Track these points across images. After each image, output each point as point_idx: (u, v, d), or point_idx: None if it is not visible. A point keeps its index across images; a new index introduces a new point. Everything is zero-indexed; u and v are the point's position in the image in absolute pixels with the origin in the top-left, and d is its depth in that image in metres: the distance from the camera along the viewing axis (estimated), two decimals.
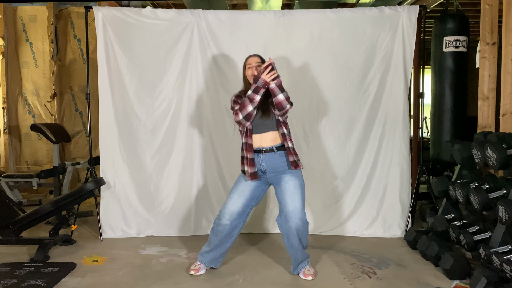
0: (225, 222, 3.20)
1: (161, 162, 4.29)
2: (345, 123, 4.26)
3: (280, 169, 3.18)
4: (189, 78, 4.25)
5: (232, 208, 3.20)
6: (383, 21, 4.17)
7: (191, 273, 3.28)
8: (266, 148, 3.17)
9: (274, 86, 3.08)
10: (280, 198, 3.18)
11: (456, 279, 3.15)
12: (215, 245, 3.29)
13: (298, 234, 3.12)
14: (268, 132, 3.18)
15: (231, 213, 3.20)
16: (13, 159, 6.39)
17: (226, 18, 4.23)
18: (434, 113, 4.94)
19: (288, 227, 3.13)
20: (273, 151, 3.17)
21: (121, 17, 4.18)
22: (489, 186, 3.25)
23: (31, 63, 6.38)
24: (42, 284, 3.07)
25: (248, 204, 3.25)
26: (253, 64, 3.22)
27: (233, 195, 3.24)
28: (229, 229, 3.22)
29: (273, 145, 3.18)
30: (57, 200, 3.85)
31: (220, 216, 3.22)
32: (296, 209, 3.10)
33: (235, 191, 3.25)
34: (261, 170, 3.20)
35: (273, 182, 3.24)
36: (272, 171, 3.19)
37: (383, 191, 4.25)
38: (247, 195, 3.23)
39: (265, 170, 3.19)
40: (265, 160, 3.17)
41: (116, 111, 4.23)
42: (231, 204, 3.22)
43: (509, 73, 3.71)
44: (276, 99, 3.09)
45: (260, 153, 3.18)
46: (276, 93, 3.08)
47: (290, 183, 3.15)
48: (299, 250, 3.20)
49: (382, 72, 4.20)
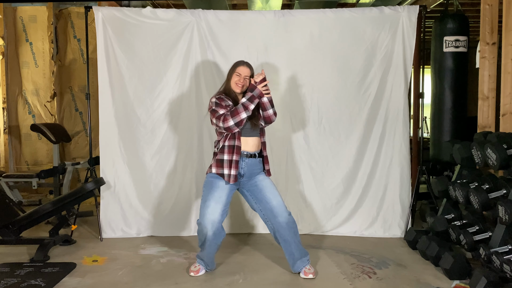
0: (208, 232, 3.11)
1: (161, 162, 4.29)
2: (345, 123, 4.25)
3: (255, 173, 3.26)
4: (189, 78, 4.25)
5: (212, 217, 3.10)
6: (383, 21, 4.17)
7: (191, 274, 3.27)
8: (250, 153, 3.21)
9: (266, 100, 3.17)
10: (260, 197, 3.21)
11: (456, 279, 3.15)
12: (204, 249, 3.24)
13: (289, 227, 3.16)
14: (253, 137, 3.22)
15: (212, 222, 3.10)
16: (13, 159, 6.40)
17: (226, 18, 4.23)
18: (434, 113, 4.94)
19: (277, 222, 3.17)
20: (255, 156, 3.24)
21: (121, 17, 4.18)
22: (489, 186, 3.25)
23: (31, 63, 6.38)
24: (42, 284, 3.07)
25: (225, 210, 3.19)
26: (242, 75, 3.21)
27: (210, 203, 3.12)
28: (212, 238, 3.15)
29: (255, 151, 3.24)
30: (57, 200, 3.85)
31: (202, 228, 3.13)
32: (279, 202, 3.20)
33: (211, 198, 3.13)
34: (240, 174, 3.21)
35: (245, 186, 3.26)
36: (249, 176, 3.23)
37: (383, 191, 4.25)
38: (224, 200, 3.16)
39: (243, 174, 3.21)
40: (247, 164, 3.20)
41: (116, 111, 4.23)
42: (210, 213, 3.11)
43: (509, 73, 3.71)
44: (266, 113, 3.20)
45: (244, 157, 3.19)
46: (267, 107, 3.19)
47: (266, 181, 3.25)
48: (293, 244, 3.20)
49: (382, 72, 4.20)
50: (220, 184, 3.17)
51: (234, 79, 3.23)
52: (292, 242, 3.21)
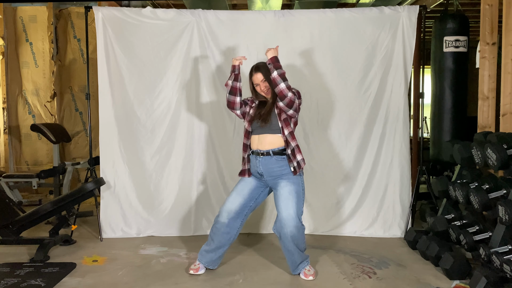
0: (223, 220, 3.22)
1: (161, 162, 4.29)
2: (345, 123, 4.26)
3: (277, 173, 3.18)
4: (189, 78, 4.26)
5: (230, 206, 3.23)
6: (383, 21, 4.17)
7: (190, 272, 3.28)
8: (263, 151, 3.19)
9: (276, 74, 3.09)
10: (276, 204, 3.22)
11: (456, 279, 3.15)
12: (214, 246, 3.29)
13: (293, 240, 3.14)
14: (266, 135, 3.19)
15: (229, 211, 3.22)
16: (13, 159, 6.39)
17: (226, 18, 4.23)
18: (434, 113, 4.93)
19: (283, 233, 3.15)
20: (269, 155, 3.18)
21: (121, 17, 4.18)
22: (489, 186, 3.25)
23: (31, 63, 6.38)
24: (42, 284, 3.07)
25: (247, 204, 3.26)
26: (260, 85, 3.22)
27: (232, 193, 3.30)
28: (226, 228, 3.23)
29: (270, 149, 3.17)
30: (57, 200, 3.85)
31: (219, 214, 3.26)
32: (289, 215, 3.11)
33: (234, 190, 3.32)
34: (259, 173, 3.23)
35: (272, 185, 3.26)
36: (269, 175, 3.21)
37: (383, 191, 4.25)
38: (246, 194, 3.26)
39: (262, 173, 3.22)
40: (262, 163, 3.20)
41: (116, 111, 4.23)
42: (230, 202, 3.26)
43: (509, 73, 3.71)
44: (277, 88, 3.08)
45: (258, 156, 3.20)
46: (278, 81, 3.08)
47: (285, 189, 3.15)
48: (295, 254, 3.21)
49: (382, 72, 4.20)
50: (247, 179, 3.29)
51: (257, 89, 3.27)
52: (295, 252, 3.21)
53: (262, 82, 3.20)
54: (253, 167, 3.25)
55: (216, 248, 3.30)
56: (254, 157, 3.22)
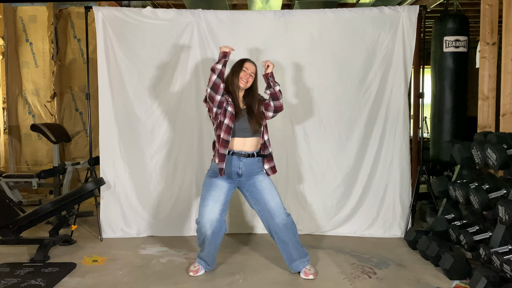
0: (207, 232, 3.13)
1: (161, 162, 4.29)
2: (345, 123, 4.25)
3: (255, 173, 3.25)
4: (189, 78, 4.25)
5: (211, 217, 3.12)
6: (383, 21, 4.17)
7: (190, 274, 3.28)
8: (248, 152, 3.21)
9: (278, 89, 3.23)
10: (259, 198, 3.22)
11: (456, 279, 3.15)
12: (206, 253, 3.26)
13: (286, 228, 3.17)
14: (252, 138, 3.22)
15: (211, 222, 3.12)
16: (13, 159, 6.39)
17: (226, 18, 4.22)
18: (434, 113, 4.93)
19: (275, 224, 3.18)
20: (254, 156, 3.23)
21: (121, 17, 4.18)
22: (489, 186, 3.25)
23: (31, 63, 6.38)
24: (42, 284, 3.07)
25: (224, 209, 3.20)
26: (248, 71, 3.23)
27: (209, 202, 3.14)
28: (213, 238, 3.17)
29: (254, 151, 3.24)
30: (57, 200, 3.84)
31: (201, 227, 3.15)
32: (278, 204, 3.19)
33: (209, 197, 3.15)
34: (238, 174, 3.21)
35: (244, 185, 3.26)
36: (248, 176, 3.23)
37: (383, 191, 4.25)
38: (223, 199, 3.18)
39: (242, 174, 3.21)
40: (245, 164, 3.20)
41: (116, 111, 4.23)
42: (209, 212, 3.12)
43: (509, 73, 3.71)
44: (278, 102, 3.24)
45: (241, 157, 3.19)
46: (280, 96, 3.24)
47: (265, 182, 3.24)
48: (291, 244, 3.21)
49: (382, 72, 4.20)
50: (219, 183, 3.18)
51: (241, 74, 3.22)
52: (289, 242, 3.21)
53: (251, 74, 3.24)
54: (232, 167, 3.19)
55: (208, 254, 3.27)
56: (237, 158, 3.19)
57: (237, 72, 3.24)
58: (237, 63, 3.29)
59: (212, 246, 3.22)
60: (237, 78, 3.23)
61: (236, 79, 3.24)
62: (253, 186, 3.24)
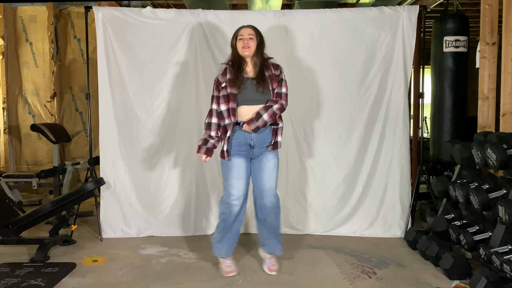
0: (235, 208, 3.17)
1: (161, 162, 4.29)
2: (346, 123, 4.25)
3: (266, 144, 3.21)
4: (189, 78, 4.25)
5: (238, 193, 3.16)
6: (383, 21, 4.16)
7: (229, 275, 3.24)
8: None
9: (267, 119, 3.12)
10: (258, 175, 3.23)
11: (456, 279, 3.15)
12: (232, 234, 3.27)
13: (272, 210, 3.23)
14: (260, 105, 3.14)
15: (238, 197, 3.16)
16: (13, 159, 6.39)
17: (226, 18, 4.22)
18: (434, 113, 4.94)
19: (263, 204, 3.23)
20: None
21: (121, 17, 4.17)
22: (489, 186, 3.25)
23: (31, 63, 6.38)
24: (42, 284, 3.07)
25: (247, 184, 3.24)
26: (245, 36, 3.16)
27: (232, 181, 3.17)
28: (238, 214, 3.21)
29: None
30: (57, 200, 3.85)
31: (229, 204, 3.17)
32: (271, 187, 3.23)
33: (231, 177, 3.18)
34: (250, 145, 3.18)
35: (256, 156, 3.24)
36: (260, 146, 3.20)
37: (383, 191, 4.25)
38: (244, 175, 3.20)
39: (254, 145, 3.18)
40: (256, 134, 3.16)
41: (116, 111, 4.23)
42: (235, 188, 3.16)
43: (509, 73, 3.71)
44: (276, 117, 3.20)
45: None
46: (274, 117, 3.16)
47: (271, 162, 3.23)
48: (269, 225, 3.25)
49: (382, 72, 4.20)
50: (235, 161, 3.18)
51: (239, 45, 3.16)
52: (269, 223, 3.26)
53: (250, 37, 3.16)
54: (243, 139, 3.16)
55: (232, 236, 3.29)
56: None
57: (236, 45, 3.19)
58: (233, 36, 3.24)
59: (238, 224, 3.25)
60: (239, 50, 3.17)
61: (238, 51, 3.18)
62: (259, 160, 3.22)
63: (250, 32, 3.18)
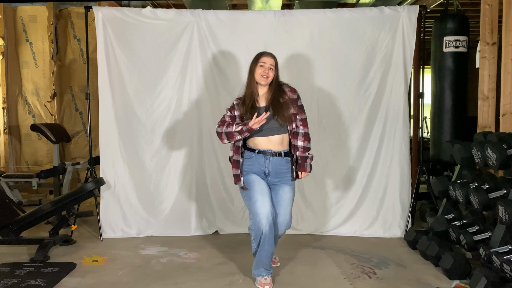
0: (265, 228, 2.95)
1: (161, 162, 4.29)
2: (345, 123, 4.25)
3: (283, 175, 3.13)
4: (189, 78, 4.25)
5: (265, 210, 2.96)
6: (383, 21, 4.16)
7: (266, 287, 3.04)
8: (275, 151, 3.09)
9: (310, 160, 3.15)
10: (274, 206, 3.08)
11: (456, 279, 3.15)
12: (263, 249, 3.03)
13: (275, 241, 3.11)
14: (277, 136, 3.10)
15: (267, 216, 2.96)
16: (13, 159, 6.39)
17: (226, 18, 4.22)
18: (434, 113, 4.94)
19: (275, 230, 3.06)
20: (281, 155, 3.11)
21: (121, 17, 4.18)
22: (489, 186, 3.25)
23: (31, 63, 6.38)
24: (42, 284, 3.07)
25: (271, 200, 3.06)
26: (267, 65, 3.09)
27: (257, 197, 3.01)
28: (269, 232, 2.97)
29: (281, 150, 3.11)
30: (57, 200, 3.85)
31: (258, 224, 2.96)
32: (286, 220, 3.10)
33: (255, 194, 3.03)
34: (265, 173, 3.11)
35: (273, 185, 3.15)
36: (275, 176, 3.12)
37: (383, 191, 4.25)
38: (267, 191, 3.05)
39: (268, 173, 3.11)
40: (272, 163, 3.09)
41: (116, 111, 4.23)
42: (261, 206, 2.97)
43: (509, 73, 3.71)
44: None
45: (268, 156, 3.09)
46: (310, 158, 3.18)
47: (288, 195, 3.12)
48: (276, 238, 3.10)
49: (382, 72, 4.20)
50: (254, 177, 3.09)
51: (258, 71, 3.08)
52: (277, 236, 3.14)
53: (270, 67, 3.09)
54: (257, 166, 3.10)
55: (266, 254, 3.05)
56: (263, 156, 3.09)
57: (254, 70, 3.11)
58: (253, 60, 3.14)
59: (270, 243, 3.02)
60: (257, 76, 3.10)
61: (253, 78, 3.11)
62: (276, 191, 3.13)
63: (272, 63, 3.11)
